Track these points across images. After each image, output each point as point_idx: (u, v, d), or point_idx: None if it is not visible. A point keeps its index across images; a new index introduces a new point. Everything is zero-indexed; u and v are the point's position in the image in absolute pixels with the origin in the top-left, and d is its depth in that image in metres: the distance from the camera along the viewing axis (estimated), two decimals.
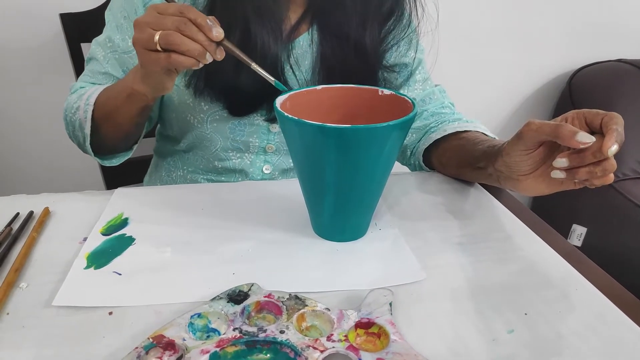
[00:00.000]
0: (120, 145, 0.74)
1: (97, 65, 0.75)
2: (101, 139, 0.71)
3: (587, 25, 1.55)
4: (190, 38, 0.53)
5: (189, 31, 0.53)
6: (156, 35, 0.53)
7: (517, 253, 0.55)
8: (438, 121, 0.79)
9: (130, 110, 0.65)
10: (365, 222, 0.57)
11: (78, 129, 0.71)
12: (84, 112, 0.69)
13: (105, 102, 0.68)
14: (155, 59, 0.54)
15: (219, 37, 0.54)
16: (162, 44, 0.53)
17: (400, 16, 0.75)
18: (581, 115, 0.50)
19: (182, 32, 0.53)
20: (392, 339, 0.40)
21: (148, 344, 0.39)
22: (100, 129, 0.70)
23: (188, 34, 0.53)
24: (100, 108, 0.68)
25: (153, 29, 0.53)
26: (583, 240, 1.49)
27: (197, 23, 0.53)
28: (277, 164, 0.80)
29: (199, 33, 0.53)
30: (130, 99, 0.63)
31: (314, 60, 0.74)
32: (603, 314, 0.46)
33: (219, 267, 0.51)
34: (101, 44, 0.75)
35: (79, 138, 0.72)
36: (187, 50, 0.53)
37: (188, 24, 0.53)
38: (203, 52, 0.54)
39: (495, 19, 1.49)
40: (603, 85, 1.50)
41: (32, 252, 0.54)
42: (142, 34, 0.54)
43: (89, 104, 0.68)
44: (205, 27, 0.53)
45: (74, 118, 0.71)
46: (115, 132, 0.70)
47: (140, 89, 0.61)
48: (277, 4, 0.69)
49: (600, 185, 0.49)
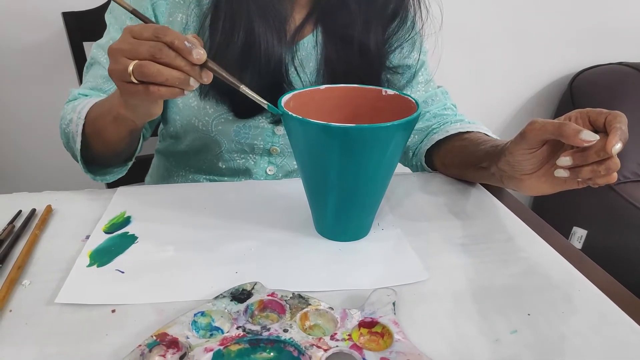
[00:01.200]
0: (113, 161, 0.71)
1: (100, 69, 0.73)
2: (93, 154, 0.68)
3: (588, 28, 1.55)
4: (168, 65, 0.47)
5: (166, 57, 0.47)
6: (130, 65, 0.47)
7: (519, 254, 0.55)
8: (440, 122, 0.80)
9: (119, 132, 0.61)
10: (368, 222, 0.57)
11: (71, 141, 0.67)
12: (76, 126, 0.65)
13: (94, 120, 0.64)
14: (133, 92, 0.49)
15: (201, 59, 0.47)
16: (136, 76, 0.48)
17: (405, 18, 0.75)
18: (585, 115, 0.50)
19: (158, 59, 0.47)
20: (395, 339, 0.40)
21: (151, 342, 0.39)
22: (91, 145, 0.67)
23: (165, 62, 0.47)
24: (91, 124, 0.65)
25: (127, 57, 0.48)
26: (583, 242, 1.49)
27: (175, 47, 0.47)
28: (281, 165, 0.80)
29: (177, 58, 0.47)
30: (117, 122, 0.59)
31: (319, 62, 0.74)
32: (606, 315, 0.46)
33: (221, 265, 0.51)
34: (104, 47, 0.73)
35: (73, 151, 0.68)
36: (165, 80, 0.47)
37: (164, 50, 0.46)
38: (185, 78, 0.48)
39: (498, 22, 1.49)
40: (604, 88, 1.50)
41: (35, 249, 0.54)
42: (116, 65, 0.49)
43: (80, 118, 0.65)
44: (184, 50, 0.47)
45: (68, 130, 0.68)
46: (106, 150, 0.66)
47: (125, 114, 0.57)
48: (282, 5, 0.69)
49: (603, 184, 0.49)
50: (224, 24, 0.66)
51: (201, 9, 0.69)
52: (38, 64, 1.25)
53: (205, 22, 0.67)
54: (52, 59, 1.24)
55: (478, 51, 1.52)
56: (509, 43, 1.53)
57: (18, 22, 1.19)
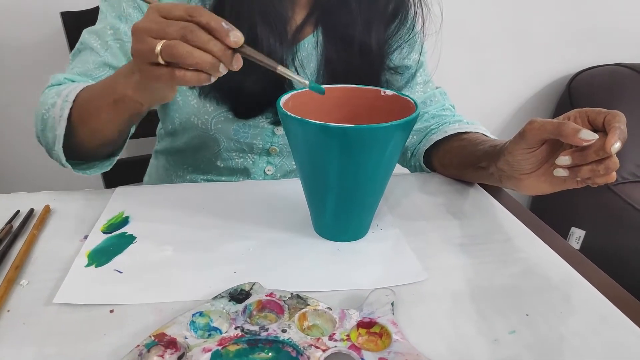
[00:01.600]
0: (97, 153, 0.66)
1: (91, 55, 0.69)
2: (75, 143, 0.62)
3: (586, 29, 1.55)
4: (199, 48, 0.44)
5: (198, 40, 0.44)
6: (158, 45, 0.44)
7: (518, 254, 0.55)
8: (439, 123, 0.80)
9: (116, 117, 0.57)
10: (366, 222, 0.57)
11: (49, 128, 0.62)
12: (60, 110, 0.60)
13: (86, 103, 0.59)
14: (157, 75, 0.46)
15: (239, 42, 0.45)
16: (165, 57, 0.45)
17: (405, 18, 0.75)
18: (584, 114, 0.50)
19: (190, 41, 0.44)
20: (394, 339, 0.40)
21: (150, 342, 0.39)
22: (75, 132, 0.61)
23: (197, 44, 0.44)
24: (79, 108, 0.60)
25: (154, 37, 0.45)
26: (582, 243, 1.49)
27: (210, 27, 0.44)
28: (280, 165, 0.80)
29: (211, 41, 0.44)
30: (117, 105, 0.55)
31: (319, 62, 0.74)
32: (604, 315, 0.46)
33: (220, 265, 0.51)
34: (98, 33, 0.69)
35: (48, 139, 0.63)
36: (195, 63, 0.44)
37: (196, 31, 0.44)
38: (216, 63, 0.45)
39: (496, 22, 1.49)
40: (602, 89, 1.51)
41: (33, 249, 0.54)
42: (141, 44, 0.46)
43: (68, 101, 0.60)
44: (221, 31, 0.44)
45: (47, 115, 0.62)
46: (93, 138, 0.61)
47: (134, 97, 0.53)
48: (283, 6, 0.69)
49: (603, 183, 0.49)
50: None
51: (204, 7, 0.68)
52: (36, 64, 1.24)
53: None
54: (51, 59, 1.24)
55: (477, 51, 1.52)
56: (507, 43, 1.53)
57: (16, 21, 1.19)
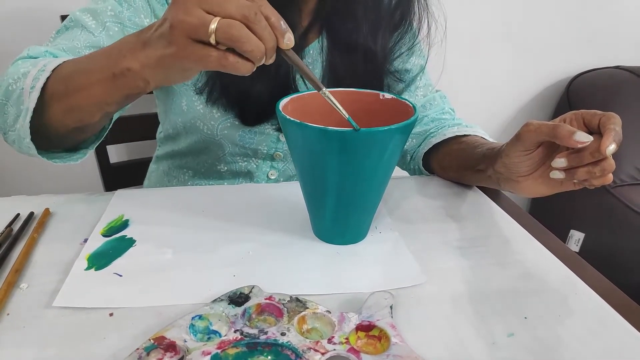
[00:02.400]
0: (65, 139, 0.57)
1: (82, 33, 0.62)
2: (42, 123, 0.53)
3: (585, 32, 1.56)
4: (257, 36, 0.41)
5: (258, 25, 0.40)
6: (213, 22, 0.39)
7: (516, 257, 0.55)
8: (438, 127, 0.80)
9: (109, 95, 0.49)
10: (365, 225, 0.57)
11: (14, 101, 0.53)
12: (33, 80, 0.51)
13: (70, 76, 0.51)
14: (201, 55, 0.41)
15: (290, 44, 0.43)
16: (219, 37, 0.39)
17: (410, 25, 0.75)
18: (579, 116, 0.51)
19: (251, 25, 0.40)
20: (392, 342, 0.40)
21: (149, 345, 0.39)
22: (47, 107, 0.52)
23: (257, 30, 0.40)
24: (59, 81, 0.51)
25: (208, 11, 0.40)
26: (581, 245, 1.49)
27: (271, 23, 0.41)
28: (283, 170, 0.80)
29: (266, 29, 0.41)
30: (115, 81, 0.47)
31: (324, 68, 0.74)
32: (602, 318, 0.46)
33: (219, 268, 0.51)
34: (95, 12, 0.64)
35: (8, 115, 0.54)
36: (250, 51, 0.40)
37: (259, 16, 0.40)
38: (263, 57, 0.42)
39: (495, 26, 1.50)
40: (601, 92, 1.51)
41: (33, 252, 0.54)
42: (189, 16, 0.40)
43: (45, 71, 0.52)
44: (279, 29, 0.42)
45: (15, 86, 0.53)
46: (67, 118, 0.52)
47: (141, 72, 0.46)
48: (289, 11, 0.69)
49: (599, 185, 0.50)
50: None
51: None
52: None
53: None
54: None
55: (475, 55, 1.53)
56: (506, 46, 1.54)
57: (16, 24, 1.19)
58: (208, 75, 0.70)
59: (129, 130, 1.03)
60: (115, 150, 1.26)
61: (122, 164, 1.07)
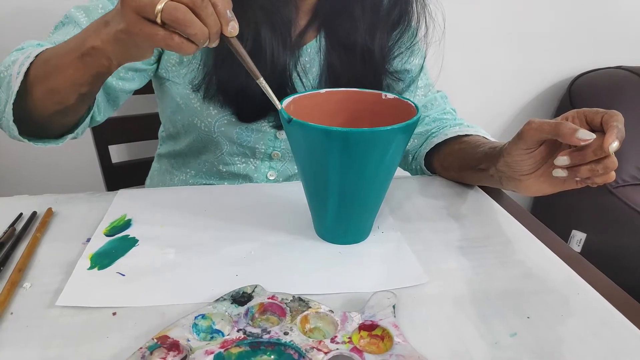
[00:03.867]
0: (50, 121, 0.59)
1: (74, 29, 0.65)
2: (27, 107, 0.57)
3: (586, 32, 1.56)
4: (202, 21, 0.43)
5: (204, 11, 0.43)
6: (160, 3, 0.42)
7: (518, 257, 0.55)
8: (439, 127, 0.80)
9: (79, 74, 0.52)
10: (367, 225, 0.57)
11: (4, 88, 0.57)
12: (19, 67, 0.55)
13: (48, 59, 0.55)
14: (148, 34, 0.43)
15: (234, 33, 0.45)
16: (164, 17, 0.42)
17: (408, 25, 0.75)
18: (581, 114, 0.51)
19: (197, 10, 0.42)
20: (395, 341, 0.40)
21: (152, 345, 0.39)
22: (30, 91, 0.56)
23: (202, 15, 0.43)
24: (40, 65, 0.55)
25: None
26: (582, 246, 1.49)
27: (217, 10, 0.44)
28: (282, 170, 0.80)
29: (212, 16, 0.43)
30: (83, 60, 0.50)
31: (321, 67, 0.74)
32: (605, 318, 0.46)
33: (222, 268, 0.51)
34: (87, 9, 0.66)
35: (0, 102, 0.57)
36: (193, 34, 0.43)
37: (206, 2, 0.42)
38: (206, 40, 0.44)
39: (497, 25, 1.50)
40: (603, 92, 1.51)
41: (36, 252, 0.54)
42: None
43: (29, 57, 0.55)
44: (224, 17, 0.44)
45: (5, 74, 0.57)
46: (48, 99, 0.55)
47: (103, 49, 0.48)
48: (287, 10, 0.69)
49: (602, 183, 0.50)
50: None
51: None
52: None
53: None
54: None
55: (477, 54, 1.52)
56: (508, 46, 1.54)
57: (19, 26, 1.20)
58: (205, 72, 0.70)
59: (130, 130, 1.03)
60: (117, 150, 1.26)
61: (124, 163, 1.07)
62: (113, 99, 0.71)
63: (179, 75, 0.72)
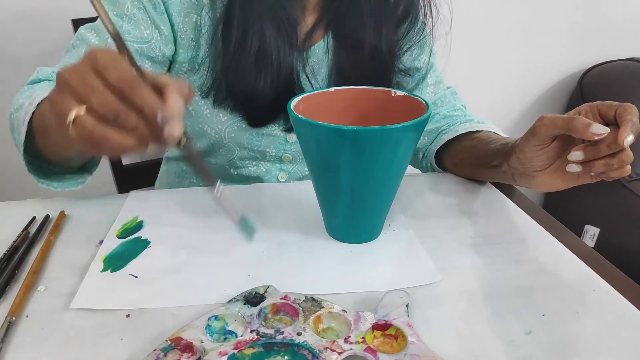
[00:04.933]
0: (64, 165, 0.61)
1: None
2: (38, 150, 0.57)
3: (597, 24, 1.54)
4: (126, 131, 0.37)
5: (124, 123, 0.36)
6: (72, 112, 0.36)
7: (532, 253, 0.55)
8: (450, 123, 0.79)
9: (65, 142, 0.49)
10: (379, 224, 0.57)
11: (15, 130, 0.57)
12: (25, 114, 0.54)
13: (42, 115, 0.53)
14: (66, 138, 0.38)
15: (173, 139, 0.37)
16: (75, 134, 0.36)
17: (415, 19, 0.75)
18: (594, 108, 0.50)
19: (114, 122, 0.36)
20: (409, 341, 0.40)
21: (166, 346, 0.40)
22: (37, 140, 0.55)
23: (122, 125, 0.36)
24: (38, 119, 0.53)
25: (74, 98, 0.36)
26: (596, 240, 1.48)
27: (144, 114, 0.36)
28: (293, 172, 0.80)
29: (138, 125, 0.36)
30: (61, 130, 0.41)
31: (330, 68, 0.73)
32: (621, 314, 0.45)
33: (234, 269, 0.51)
34: (97, 29, 0.66)
35: (16, 142, 0.58)
36: (112, 150, 0.37)
37: (123, 114, 0.36)
38: (139, 148, 0.37)
39: (506, 20, 1.48)
40: (614, 85, 1.49)
41: (49, 255, 0.54)
42: (58, 95, 0.37)
43: (32, 105, 0.54)
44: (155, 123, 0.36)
45: (14, 117, 0.58)
46: (51, 153, 0.56)
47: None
48: (293, 9, 0.69)
49: (617, 177, 0.49)
50: (237, 31, 0.65)
51: (215, 13, 0.68)
52: None
53: (217, 30, 0.67)
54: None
55: (487, 49, 1.51)
56: (517, 40, 1.52)
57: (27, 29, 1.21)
58: (213, 77, 0.70)
59: None
60: None
61: (135, 165, 1.08)
62: None
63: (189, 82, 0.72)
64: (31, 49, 1.23)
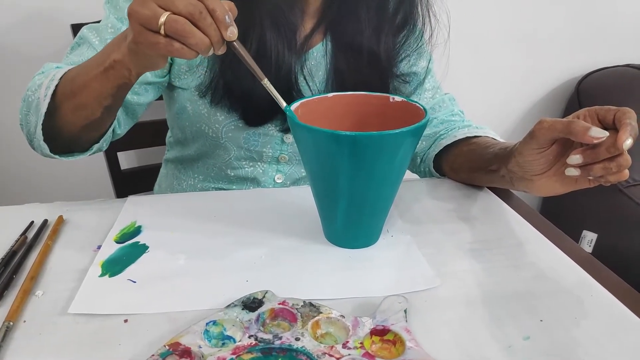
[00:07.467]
0: (80, 138, 0.64)
1: (88, 50, 0.68)
2: (57, 126, 0.61)
3: (595, 30, 1.55)
4: (202, 31, 0.46)
5: (203, 23, 0.45)
6: (162, 16, 0.45)
7: (530, 259, 0.55)
8: (448, 128, 0.80)
9: (104, 88, 0.56)
10: (377, 229, 0.57)
11: (34, 110, 0.62)
12: (46, 89, 0.59)
13: (74, 78, 0.59)
14: (152, 43, 0.47)
15: (232, 37, 0.47)
16: (167, 30, 0.45)
17: (413, 28, 0.75)
18: (593, 112, 0.50)
19: (195, 22, 0.45)
20: (408, 346, 0.40)
21: (164, 352, 0.39)
22: (59, 109, 0.60)
23: (201, 26, 0.46)
24: (66, 84, 0.59)
25: (160, 6, 0.45)
26: (594, 246, 1.48)
27: (215, 16, 0.46)
28: (290, 173, 0.80)
29: (211, 26, 0.46)
30: (107, 74, 0.55)
31: (328, 71, 0.74)
32: (619, 320, 0.46)
33: (232, 274, 0.51)
34: (99, 29, 0.69)
35: (31, 124, 0.63)
36: (194, 44, 0.46)
37: (204, 14, 0.45)
38: (209, 48, 0.47)
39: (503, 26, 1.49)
40: (611, 91, 1.50)
41: (47, 260, 0.54)
42: (144, 8, 0.46)
43: (54, 79, 0.59)
44: (223, 23, 0.46)
45: (33, 97, 0.62)
46: (76, 115, 0.60)
47: (123, 61, 0.53)
48: (292, 13, 0.69)
49: (615, 181, 0.49)
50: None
51: None
52: None
53: None
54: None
55: (484, 55, 1.52)
56: (515, 46, 1.53)
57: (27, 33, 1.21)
58: (211, 77, 0.70)
59: (139, 137, 1.04)
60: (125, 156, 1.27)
61: (133, 170, 1.08)
62: (131, 112, 0.73)
63: (188, 82, 0.73)
64: (31, 53, 1.23)
